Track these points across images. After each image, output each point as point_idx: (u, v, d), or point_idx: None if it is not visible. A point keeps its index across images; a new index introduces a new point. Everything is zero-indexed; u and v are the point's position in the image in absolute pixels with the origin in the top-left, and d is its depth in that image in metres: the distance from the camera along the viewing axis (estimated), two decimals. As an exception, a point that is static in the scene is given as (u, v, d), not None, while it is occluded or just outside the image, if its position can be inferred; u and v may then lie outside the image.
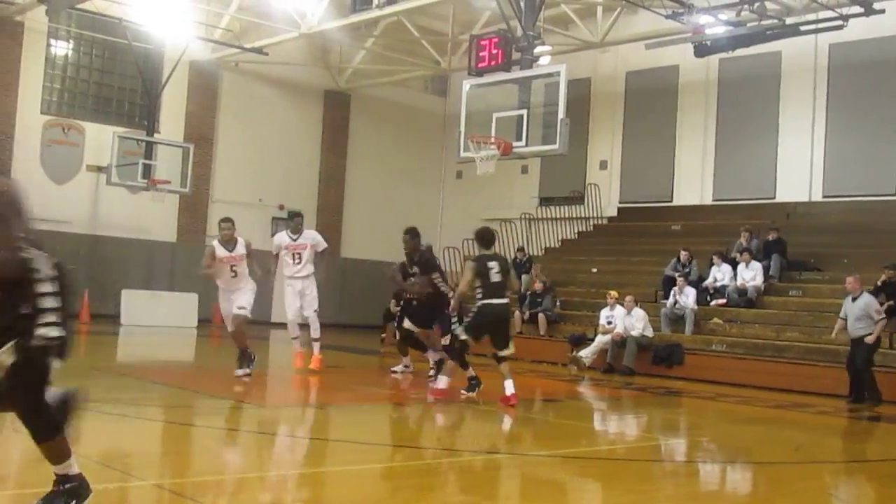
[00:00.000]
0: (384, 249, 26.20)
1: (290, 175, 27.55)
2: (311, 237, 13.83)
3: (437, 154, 29.74)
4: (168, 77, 23.38)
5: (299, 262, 13.55)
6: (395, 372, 14.17)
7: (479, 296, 10.81)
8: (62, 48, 24.17)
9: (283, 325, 26.86)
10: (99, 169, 23.28)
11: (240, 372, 12.23)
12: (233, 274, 12.34)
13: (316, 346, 13.79)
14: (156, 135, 23.29)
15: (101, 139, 23.29)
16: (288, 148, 27.43)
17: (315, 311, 13.69)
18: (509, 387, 10.69)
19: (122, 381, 12.05)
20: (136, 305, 22.33)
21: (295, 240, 13.63)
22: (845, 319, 14.17)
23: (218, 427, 8.86)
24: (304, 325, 13.79)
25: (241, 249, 12.35)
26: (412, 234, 13.26)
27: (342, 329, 26.40)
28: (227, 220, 12.49)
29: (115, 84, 24.84)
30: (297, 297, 13.60)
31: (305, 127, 28.00)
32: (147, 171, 22.22)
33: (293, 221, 13.99)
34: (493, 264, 10.90)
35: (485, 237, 11.20)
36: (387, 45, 26.44)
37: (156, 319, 21.88)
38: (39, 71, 23.46)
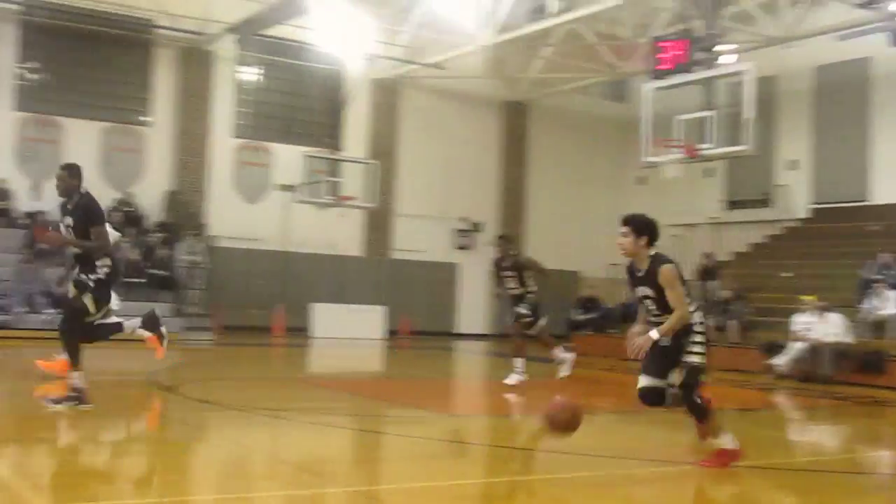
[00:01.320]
0: (567, 258, 26.14)
1: (472, 187, 27.78)
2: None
3: (617, 160, 29.29)
4: (351, 96, 24.02)
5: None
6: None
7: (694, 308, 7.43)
8: (250, 74, 25.24)
9: (468, 337, 27.07)
10: (288, 188, 24.17)
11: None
12: None
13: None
14: (341, 152, 24.00)
15: (288, 159, 24.16)
16: (468, 160, 27.68)
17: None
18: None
19: (316, 391, 12.42)
20: (326, 318, 23.04)
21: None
22: None
23: (408, 435, 8.98)
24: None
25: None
26: (507, 239, 13.67)
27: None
28: None
29: (300, 105, 25.74)
30: None
31: (484, 139, 28.20)
32: (333, 189, 22.90)
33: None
34: None
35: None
36: (563, 52, 26.31)
37: (345, 332, 22.49)
38: (229, 97, 24.61)
